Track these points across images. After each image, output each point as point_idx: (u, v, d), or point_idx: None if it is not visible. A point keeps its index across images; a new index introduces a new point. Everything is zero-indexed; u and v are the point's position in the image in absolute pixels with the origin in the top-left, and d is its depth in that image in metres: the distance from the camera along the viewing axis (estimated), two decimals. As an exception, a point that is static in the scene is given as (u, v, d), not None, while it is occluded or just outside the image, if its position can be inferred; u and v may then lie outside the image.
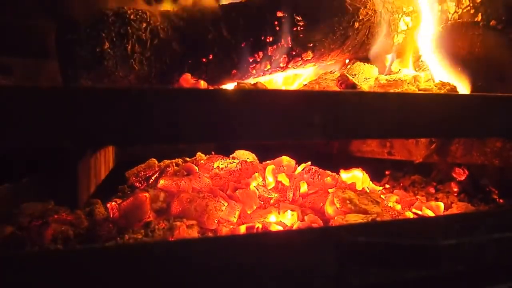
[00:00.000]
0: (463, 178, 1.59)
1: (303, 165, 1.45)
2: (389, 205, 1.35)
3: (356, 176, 1.46)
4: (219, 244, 0.82)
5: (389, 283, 0.90)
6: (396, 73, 1.51)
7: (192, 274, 0.77)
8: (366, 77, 1.49)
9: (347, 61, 1.62)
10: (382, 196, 1.44)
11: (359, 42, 1.53)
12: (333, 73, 1.46)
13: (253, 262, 0.80)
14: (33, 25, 1.65)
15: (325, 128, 0.87)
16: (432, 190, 1.62)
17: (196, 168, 1.38)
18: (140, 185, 1.40)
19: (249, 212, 1.23)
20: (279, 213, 1.21)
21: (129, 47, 1.21)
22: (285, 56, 1.39)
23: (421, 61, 1.64)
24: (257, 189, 1.30)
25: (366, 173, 1.49)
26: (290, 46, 1.39)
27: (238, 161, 1.40)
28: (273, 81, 1.61)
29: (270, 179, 1.38)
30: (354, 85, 1.25)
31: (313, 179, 1.36)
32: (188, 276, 0.77)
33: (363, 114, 0.90)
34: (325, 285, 0.85)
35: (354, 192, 1.23)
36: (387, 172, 1.82)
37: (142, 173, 1.42)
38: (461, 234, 0.95)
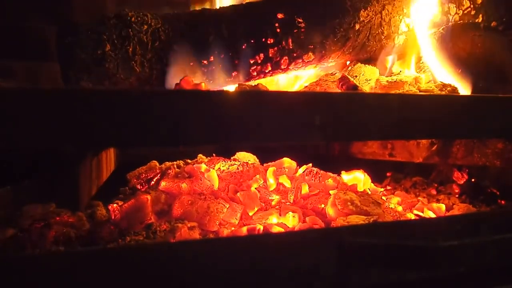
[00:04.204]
0: (462, 182, 1.59)
1: (304, 167, 1.45)
2: (390, 206, 1.34)
3: (357, 178, 1.46)
4: (220, 246, 0.82)
5: (391, 284, 0.90)
6: (397, 74, 1.51)
7: (193, 276, 0.77)
8: (367, 79, 1.49)
9: (348, 62, 1.62)
10: (383, 197, 1.44)
11: (360, 44, 1.53)
12: (334, 74, 1.46)
13: (254, 263, 0.80)
14: (34, 27, 1.65)
15: (326, 130, 0.87)
16: (433, 192, 1.62)
17: (204, 166, 1.38)
18: (141, 187, 1.40)
19: (250, 214, 1.23)
20: (280, 214, 1.21)
21: (130, 49, 1.21)
22: (286, 57, 1.39)
23: (422, 62, 1.64)
24: (259, 191, 1.30)
25: (368, 174, 1.49)
26: (291, 47, 1.39)
27: (239, 163, 1.40)
28: (274, 83, 1.61)
29: (271, 181, 1.38)
30: (355, 87, 1.25)
31: (314, 180, 1.36)
32: (190, 277, 0.77)
33: (364, 116, 0.90)
34: (326, 286, 0.85)
35: (355, 194, 1.23)
36: (388, 174, 1.82)
37: (144, 175, 1.42)
38: (463, 236, 0.95)
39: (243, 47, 1.35)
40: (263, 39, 1.36)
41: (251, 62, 1.37)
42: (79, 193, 1.24)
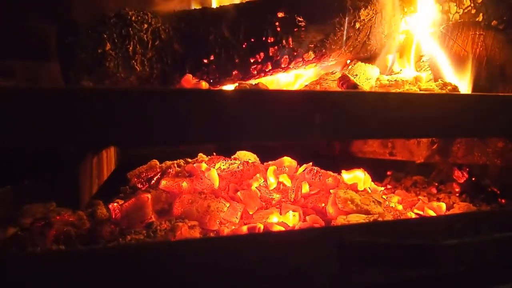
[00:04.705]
0: (462, 180, 1.59)
1: (304, 166, 1.45)
2: (391, 205, 1.34)
3: (358, 177, 1.46)
4: (221, 245, 0.82)
5: (391, 283, 0.90)
6: (398, 73, 1.51)
7: (193, 275, 0.77)
8: (367, 78, 1.49)
9: (348, 61, 1.62)
10: (383, 196, 1.44)
11: (360, 43, 1.53)
12: (335, 73, 1.46)
13: (254, 262, 0.80)
14: (34, 27, 1.65)
15: (326, 129, 0.87)
16: (434, 191, 1.62)
17: (205, 165, 1.38)
18: (141, 186, 1.40)
19: (251, 213, 1.23)
20: (280, 213, 1.21)
21: (131, 48, 1.21)
22: (286, 56, 1.39)
23: (423, 61, 1.64)
24: (259, 190, 1.30)
25: (368, 173, 1.49)
26: (291, 46, 1.39)
27: (239, 162, 1.40)
28: (275, 82, 1.61)
29: (271, 180, 1.38)
30: (355, 86, 1.25)
31: (314, 179, 1.36)
32: (190, 276, 0.77)
33: (365, 115, 0.90)
34: (327, 284, 0.85)
35: (355, 193, 1.23)
36: (388, 173, 1.82)
37: (144, 174, 1.42)
38: (463, 234, 0.95)
39: (244, 46, 1.35)
40: (264, 38, 1.36)
41: (252, 61, 1.37)
42: (79, 192, 1.24)
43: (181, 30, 1.31)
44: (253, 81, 1.42)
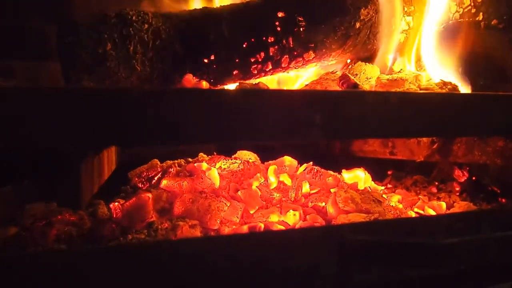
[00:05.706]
0: (463, 180, 1.59)
1: (305, 165, 1.45)
2: (391, 204, 1.34)
3: (358, 176, 1.46)
4: (221, 244, 0.82)
5: (392, 282, 0.90)
6: (398, 72, 1.51)
7: (194, 273, 0.78)
8: (368, 77, 1.49)
9: (348, 61, 1.62)
10: (384, 195, 1.44)
11: (361, 42, 1.53)
12: (335, 73, 1.46)
13: (255, 261, 0.81)
14: (34, 27, 1.65)
15: (327, 128, 0.87)
16: (434, 190, 1.62)
17: (205, 165, 1.38)
18: (142, 185, 1.40)
19: (251, 212, 1.23)
20: (281, 213, 1.22)
21: (131, 48, 1.21)
22: (287, 56, 1.39)
23: (423, 60, 1.64)
24: (259, 189, 1.30)
25: (368, 173, 1.49)
26: (292, 46, 1.39)
27: (240, 161, 1.40)
28: (275, 81, 1.61)
29: (272, 179, 1.38)
30: (355, 85, 1.25)
31: (315, 179, 1.36)
32: (191, 275, 0.77)
33: (365, 114, 0.90)
34: (327, 283, 0.85)
35: (356, 192, 1.23)
36: (389, 172, 1.82)
37: (145, 173, 1.42)
38: (463, 233, 0.95)
39: (244, 45, 1.35)
40: (264, 38, 1.36)
41: (252, 60, 1.37)
42: (80, 192, 1.24)
43: (182, 30, 1.31)
44: (253, 81, 1.42)
